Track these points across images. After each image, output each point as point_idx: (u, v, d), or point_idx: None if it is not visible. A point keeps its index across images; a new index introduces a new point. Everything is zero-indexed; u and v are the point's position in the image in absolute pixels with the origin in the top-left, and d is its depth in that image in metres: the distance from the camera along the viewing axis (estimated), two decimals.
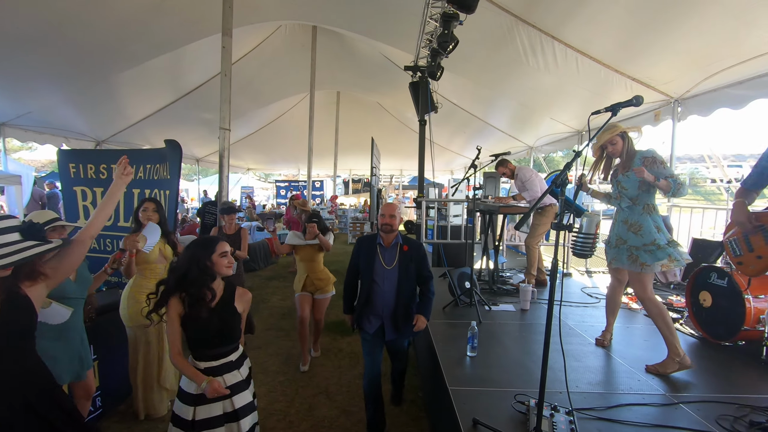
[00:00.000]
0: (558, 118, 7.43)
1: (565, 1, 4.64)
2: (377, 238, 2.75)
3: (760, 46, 3.81)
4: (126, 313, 2.94)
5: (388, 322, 2.70)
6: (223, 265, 2.04)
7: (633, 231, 2.64)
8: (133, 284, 2.98)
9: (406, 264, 2.68)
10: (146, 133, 9.82)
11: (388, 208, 2.73)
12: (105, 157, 5.02)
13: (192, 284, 1.96)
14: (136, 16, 5.66)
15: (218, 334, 1.99)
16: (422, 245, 2.81)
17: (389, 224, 2.70)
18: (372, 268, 2.69)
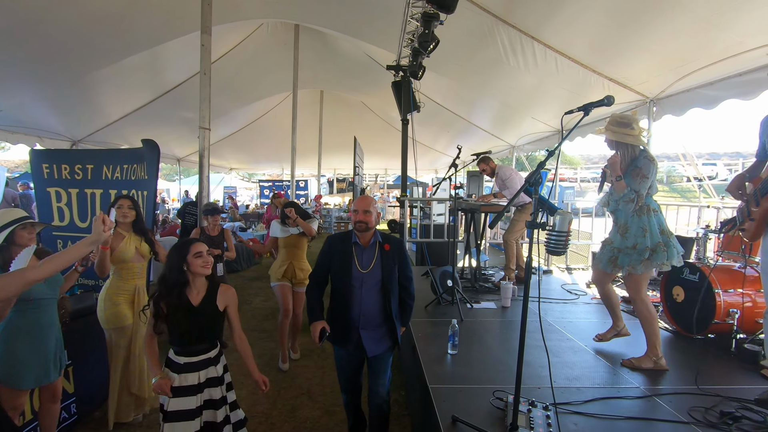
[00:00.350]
0: (539, 117, 7.53)
1: (544, 3, 4.70)
2: (352, 237, 2.38)
3: (729, 48, 3.93)
4: (103, 316, 2.87)
5: (368, 335, 2.32)
6: (198, 265, 2.07)
7: (621, 233, 2.66)
8: (109, 286, 2.90)
9: (389, 265, 2.33)
10: (124, 133, 9.60)
11: (362, 203, 2.33)
12: (80, 157, 4.89)
13: (169, 289, 2.04)
14: (113, 12, 5.52)
15: (198, 332, 2.07)
16: (403, 242, 2.57)
17: (363, 222, 2.30)
18: (348, 271, 2.31)
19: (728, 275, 2.99)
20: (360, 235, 2.35)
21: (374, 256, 2.35)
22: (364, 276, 2.32)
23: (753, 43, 3.76)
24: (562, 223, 1.65)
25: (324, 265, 2.42)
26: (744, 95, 4.09)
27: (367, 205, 2.32)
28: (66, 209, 4.79)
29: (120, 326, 2.85)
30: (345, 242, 2.39)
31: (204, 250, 2.12)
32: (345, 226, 11.57)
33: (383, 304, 2.34)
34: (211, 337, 2.12)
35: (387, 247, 2.37)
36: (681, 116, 4.93)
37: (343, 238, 2.42)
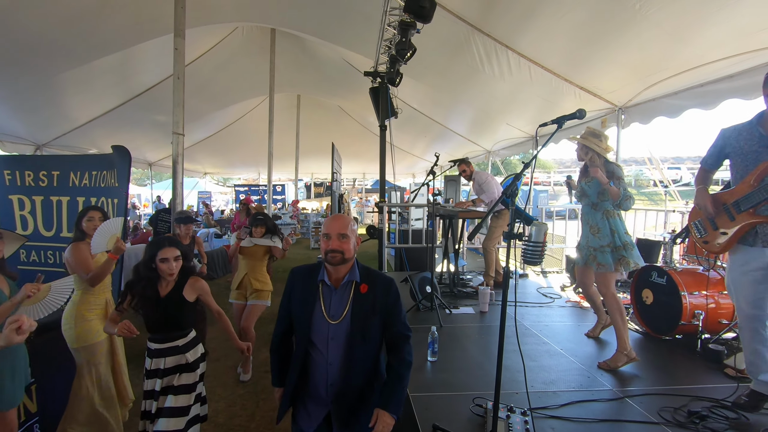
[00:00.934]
0: (514, 123, 7.70)
1: (516, 13, 4.82)
2: (320, 272, 1.71)
3: (691, 61, 4.13)
4: (73, 334, 2.69)
5: (338, 414, 1.68)
6: (162, 269, 2.23)
7: (593, 233, 2.90)
8: (79, 302, 2.74)
9: (365, 315, 1.66)
10: (93, 137, 9.27)
11: (335, 224, 1.68)
12: (45, 163, 4.70)
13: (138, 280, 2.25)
14: (81, 13, 5.34)
15: (164, 322, 2.25)
16: (393, 283, 1.76)
17: (338, 251, 1.63)
18: (309, 321, 1.67)
19: (693, 278, 3.12)
20: (332, 269, 1.68)
21: (347, 301, 1.70)
22: (332, 329, 1.66)
23: (712, 56, 3.96)
24: (537, 234, 1.69)
25: (286, 313, 1.77)
26: (705, 105, 4.30)
27: (343, 227, 1.67)
28: (30, 217, 4.58)
29: (92, 343, 2.71)
30: (309, 279, 1.73)
31: (171, 257, 2.23)
32: None
33: (355, 371, 1.66)
34: (178, 327, 2.28)
35: (364, 289, 1.69)
36: (647, 124, 5.14)
37: (308, 273, 1.75)
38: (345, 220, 1.72)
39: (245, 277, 3.82)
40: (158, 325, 2.26)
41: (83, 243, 2.77)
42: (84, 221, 2.85)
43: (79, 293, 2.78)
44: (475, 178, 4.99)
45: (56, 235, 4.52)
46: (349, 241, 1.68)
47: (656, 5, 3.70)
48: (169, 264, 2.21)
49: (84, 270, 2.69)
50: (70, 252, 2.73)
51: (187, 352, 2.28)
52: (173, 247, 2.25)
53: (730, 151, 2.25)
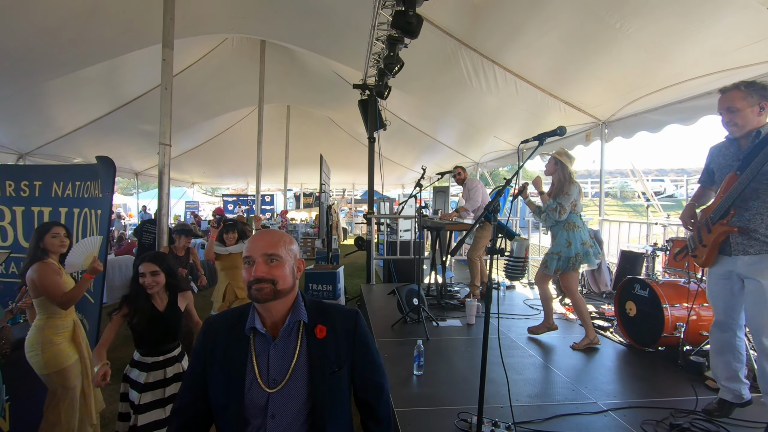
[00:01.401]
0: (501, 136, 7.82)
1: (503, 29, 4.94)
2: (250, 317, 1.22)
3: (670, 78, 4.26)
4: (41, 360, 2.51)
5: None
6: (143, 284, 2.25)
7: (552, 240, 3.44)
8: (44, 327, 2.54)
9: (325, 370, 1.19)
10: (78, 146, 9.16)
11: (259, 242, 1.21)
12: (27, 173, 4.61)
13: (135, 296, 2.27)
14: (67, 22, 5.31)
15: (164, 334, 2.30)
16: (359, 317, 1.30)
17: (266, 279, 1.16)
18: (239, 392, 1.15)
19: (674, 290, 3.18)
20: (263, 310, 1.21)
21: (295, 353, 1.19)
22: (273, 400, 1.15)
23: (690, 74, 4.09)
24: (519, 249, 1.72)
25: (196, 384, 1.21)
26: (685, 120, 4.42)
27: (271, 245, 1.20)
28: (9, 228, 4.48)
29: (63, 367, 2.55)
30: (236, 329, 1.22)
31: (147, 272, 2.25)
32: (312, 242, 11.37)
33: None
34: (173, 338, 2.36)
35: (321, 333, 1.22)
36: (630, 138, 5.26)
37: (232, 321, 1.25)
38: (274, 237, 1.23)
39: (227, 287, 3.78)
40: (157, 339, 2.28)
41: (51, 263, 2.60)
42: (48, 237, 2.65)
43: (44, 318, 2.57)
44: (466, 183, 5.06)
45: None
46: (282, 266, 1.19)
47: (636, 25, 3.82)
48: (144, 278, 2.24)
49: (54, 292, 2.49)
50: (36, 273, 2.49)
51: (182, 361, 2.37)
52: (150, 263, 2.27)
53: (714, 167, 2.32)
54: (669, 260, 3.84)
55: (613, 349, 3.44)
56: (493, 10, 4.71)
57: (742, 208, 2.08)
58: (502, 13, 4.69)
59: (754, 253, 2.05)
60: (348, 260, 9.15)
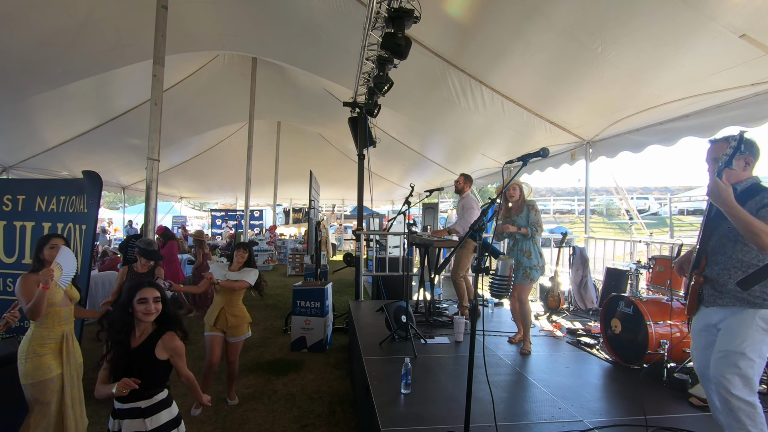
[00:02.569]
0: (488, 154, 7.94)
1: (489, 51, 5.08)
2: None
3: (650, 100, 4.40)
4: (23, 368, 2.53)
5: None
6: (139, 311, 2.04)
7: (525, 255, 3.64)
8: (32, 336, 2.58)
9: None
10: (64, 160, 9.06)
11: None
12: (9, 188, 4.55)
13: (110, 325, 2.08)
14: (58, 36, 5.32)
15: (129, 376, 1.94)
16: None
17: None
18: None
19: (658, 307, 3.23)
20: None
21: None
22: None
23: (669, 97, 4.24)
24: (503, 268, 1.74)
25: None
26: (665, 141, 4.56)
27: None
28: None
29: (41, 380, 2.52)
30: None
31: (150, 297, 2.06)
32: (300, 258, 11.31)
33: None
34: (142, 385, 1.97)
35: None
36: (613, 158, 5.40)
37: None
38: None
39: (221, 311, 3.67)
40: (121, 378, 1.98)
41: (34, 275, 2.63)
42: (46, 249, 2.75)
43: (33, 327, 2.63)
44: (463, 199, 5.02)
45: (18, 261, 4.34)
46: None
47: (616, 49, 3.97)
48: (147, 305, 2.04)
49: (27, 301, 2.54)
50: (19, 284, 2.60)
51: (147, 418, 2.00)
52: (153, 288, 2.11)
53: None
54: (653, 277, 3.91)
55: (599, 367, 3.46)
56: (479, 34, 4.86)
57: (712, 261, 2.12)
58: (488, 37, 4.84)
59: (722, 305, 2.06)
60: (336, 276, 9.08)
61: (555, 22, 4.07)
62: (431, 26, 4.83)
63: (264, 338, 5.75)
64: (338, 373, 4.61)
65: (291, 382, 4.31)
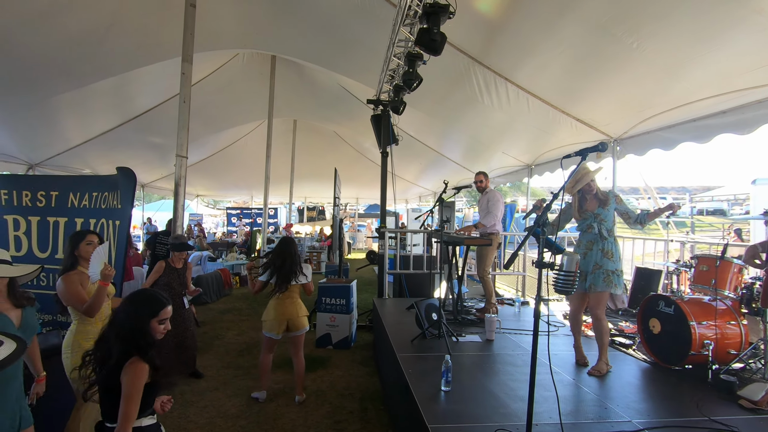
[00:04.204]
0: (509, 152, 7.87)
1: (516, 49, 5.02)
2: None
3: (684, 97, 4.31)
4: (69, 363, 2.62)
5: None
6: (158, 330, 1.83)
7: (608, 257, 3.13)
8: (76, 332, 2.67)
9: None
10: (86, 157, 9.16)
11: None
12: (44, 184, 4.62)
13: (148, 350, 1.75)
14: (85, 35, 5.38)
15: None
16: None
17: None
18: None
19: (700, 308, 3.16)
20: None
21: None
22: None
23: (704, 93, 4.15)
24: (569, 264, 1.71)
25: None
26: (699, 139, 4.47)
27: None
28: (24, 238, 4.46)
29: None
30: None
31: (168, 317, 1.87)
32: (318, 255, 11.33)
33: None
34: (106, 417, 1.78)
35: None
36: (642, 156, 5.31)
37: None
38: None
39: (285, 312, 3.68)
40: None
41: (74, 273, 2.70)
42: (83, 245, 2.77)
43: (76, 323, 2.71)
44: (487, 193, 4.99)
45: (51, 256, 4.40)
46: None
47: (652, 44, 3.89)
48: (166, 325, 1.86)
49: (78, 301, 2.61)
50: (62, 285, 2.65)
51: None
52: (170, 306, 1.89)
53: None
54: (695, 276, 3.83)
55: (637, 367, 3.40)
56: (508, 31, 4.80)
57: None
58: (516, 34, 4.78)
59: None
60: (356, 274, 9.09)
61: (589, 17, 4.00)
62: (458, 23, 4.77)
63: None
64: (365, 370, 4.61)
65: (320, 379, 4.32)
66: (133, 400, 1.64)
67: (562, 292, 1.77)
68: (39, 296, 4.24)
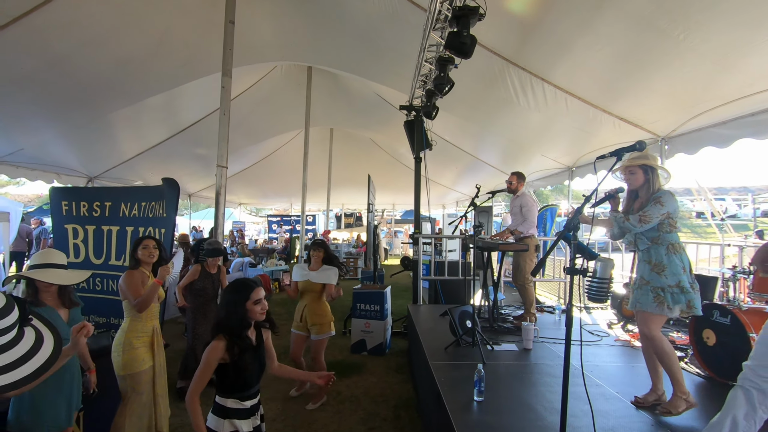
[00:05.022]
0: (548, 154, 7.62)
1: (550, 47, 4.86)
2: None
3: (740, 90, 4.00)
4: (120, 361, 2.77)
5: None
6: (257, 312, 2.06)
7: (657, 271, 2.53)
8: (128, 329, 2.83)
9: None
10: (138, 170, 9.79)
11: None
12: (99, 195, 4.97)
13: (235, 332, 1.99)
14: (136, 56, 5.78)
15: (257, 375, 2.10)
16: None
17: None
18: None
19: (760, 318, 2.89)
20: None
21: None
22: None
23: (763, 85, 3.83)
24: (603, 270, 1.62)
25: None
26: (758, 134, 4.14)
27: None
28: (82, 246, 4.81)
29: (137, 371, 2.76)
30: None
31: (263, 296, 2.09)
32: (354, 261, 11.45)
33: None
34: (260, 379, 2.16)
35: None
36: (694, 154, 4.97)
37: None
38: None
39: (304, 309, 3.88)
40: (249, 381, 2.05)
41: (137, 270, 2.90)
42: (140, 249, 2.98)
43: (128, 320, 2.87)
44: (520, 196, 4.82)
45: (105, 263, 4.71)
46: None
47: (700, 36, 3.65)
48: (262, 304, 2.07)
49: (134, 295, 2.80)
50: (124, 278, 2.85)
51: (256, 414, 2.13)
52: (260, 287, 2.10)
53: None
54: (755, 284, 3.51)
55: (689, 381, 3.14)
56: (542, 29, 4.67)
57: None
58: (551, 33, 4.64)
59: None
60: (391, 281, 9.08)
61: (630, 11, 3.82)
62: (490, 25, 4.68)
63: None
64: (400, 377, 4.58)
65: (354, 385, 4.33)
66: (202, 370, 1.92)
67: (596, 300, 1.68)
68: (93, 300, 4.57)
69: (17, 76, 5.14)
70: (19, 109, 5.87)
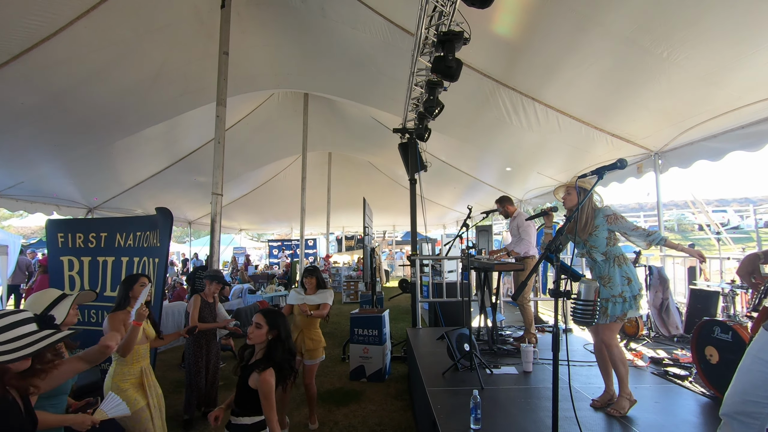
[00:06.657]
0: (544, 172, 7.64)
1: (539, 68, 4.95)
2: None
3: (729, 103, 4.03)
4: None
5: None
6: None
7: (603, 284, 2.73)
8: (114, 373, 2.74)
9: None
10: (139, 198, 9.88)
11: None
12: (94, 226, 4.98)
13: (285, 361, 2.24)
14: (134, 87, 5.90)
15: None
16: None
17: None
18: None
19: None
20: None
21: None
22: None
23: (751, 98, 3.86)
24: (587, 292, 1.59)
25: None
26: (749, 146, 4.13)
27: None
28: (77, 277, 4.79)
29: (132, 411, 2.66)
30: None
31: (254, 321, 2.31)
32: (355, 285, 11.36)
33: None
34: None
35: None
36: (687, 168, 4.96)
37: None
38: None
39: (299, 335, 3.82)
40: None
41: (121, 312, 2.81)
42: (137, 286, 2.89)
43: (114, 364, 2.78)
44: (516, 217, 4.77)
45: (100, 294, 4.67)
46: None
47: (684, 52, 3.70)
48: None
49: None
50: (107, 322, 2.78)
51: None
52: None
53: None
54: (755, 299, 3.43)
55: (695, 402, 3.05)
56: (529, 51, 4.75)
57: None
58: (538, 54, 4.73)
59: None
60: (392, 303, 8.98)
61: (613, 31, 3.89)
62: (479, 48, 4.80)
63: (322, 366, 5.69)
64: (399, 404, 4.45)
65: (352, 414, 4.22)
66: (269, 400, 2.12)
67: (581, 323, 1.64)
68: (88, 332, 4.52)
69: (18, 111, 5.25)
70: (19, 143, 5.98)
